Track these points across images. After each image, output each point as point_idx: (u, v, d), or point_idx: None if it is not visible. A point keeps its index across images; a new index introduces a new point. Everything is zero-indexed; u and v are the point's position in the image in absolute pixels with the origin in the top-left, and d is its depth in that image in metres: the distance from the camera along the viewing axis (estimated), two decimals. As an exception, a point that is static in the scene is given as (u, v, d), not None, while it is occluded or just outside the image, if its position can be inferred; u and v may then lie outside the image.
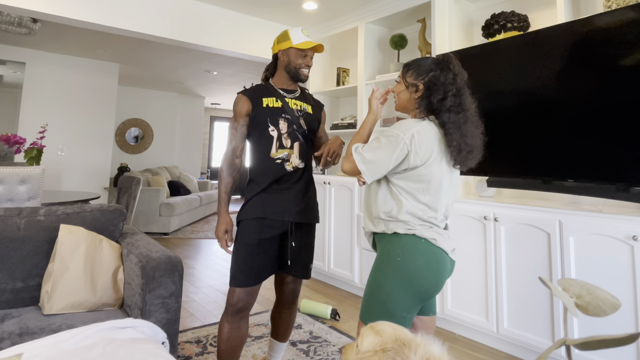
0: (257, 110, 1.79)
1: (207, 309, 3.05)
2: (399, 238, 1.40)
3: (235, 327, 1.80)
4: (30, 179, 2.83)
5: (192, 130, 8.69)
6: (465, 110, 1.40)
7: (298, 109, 1.84)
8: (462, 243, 2.60)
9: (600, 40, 2.02)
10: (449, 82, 1.40)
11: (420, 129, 1.38)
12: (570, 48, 2.15)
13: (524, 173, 2.41)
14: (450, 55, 1.48)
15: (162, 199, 5.92)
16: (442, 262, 1.39)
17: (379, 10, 3.47)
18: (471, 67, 2.61)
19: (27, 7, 2.91)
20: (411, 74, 1.49)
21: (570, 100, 2.16)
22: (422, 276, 1.35)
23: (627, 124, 1.94)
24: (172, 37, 3.51)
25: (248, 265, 1.74)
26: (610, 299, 0.67)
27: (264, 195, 1.76)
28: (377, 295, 1.38)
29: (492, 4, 3.00)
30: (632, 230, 1.92)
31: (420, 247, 1.37)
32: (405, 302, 1.35)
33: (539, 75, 2.28)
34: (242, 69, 5.93)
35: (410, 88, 1.48)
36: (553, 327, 2.17)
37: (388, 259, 1.40)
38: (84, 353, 1.14)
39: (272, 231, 1.75)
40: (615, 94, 1.98)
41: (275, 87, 1.87)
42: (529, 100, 2.34)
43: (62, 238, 1.80)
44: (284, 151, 1.78)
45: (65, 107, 5.52)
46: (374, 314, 1.37)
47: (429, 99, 1.42)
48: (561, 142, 2.19)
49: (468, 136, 1.39)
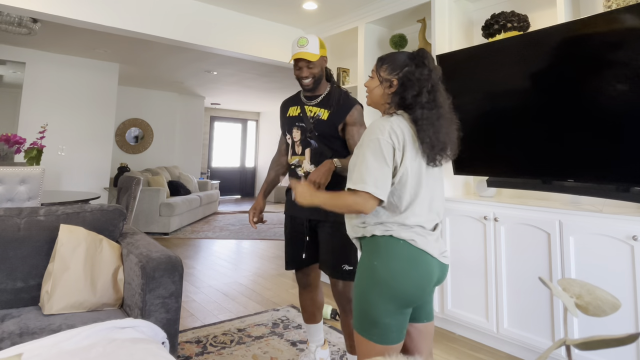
0: (282, 120, 2.08)
1: (207, 309, 3.05)
2: (376, 241, 1.34)
3: (308, 297, 2.12)
4: (30, 179, 2.83)
5: (192, 130, 8.69)
6: (439, 107, 1.36)
7: (312, 116, 1.95)
8: (462, 243, 2.60)
9: (601, 40, 2.02)
10: (424, 78, 1.36)
11: (393, 125, 1.33)
12: (570, 48, 2.14)
13: (524, 173, 2.41)
14: (425, 50, 1.43)
15: (162, 199, 5.92)
16: (423, 265, 1.31)
17: (379, 10, 3.47)
18: (471, 67, 2.63)
19: (27, 7, 2.91)
20: (385, 68, 1.43)
21: (570, 100, 2.16)
22: (400, 280, 1.27)
23: (627, 124, 1.94)
24: (172, 37, 3.51)
25: (286, 252, 2.09)
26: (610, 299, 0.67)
27: (289, 195, 2.03)
28: (359, 303, 1.33)
29: (492, 4, 3.00)
30: (632, 230, 1.92)
31: (397, 249, 1.30)
32: (385, 309, 1.28)
33: (538, 75, 2.28)
34: (242, 69, 5.93)
35: (384, 83, 1.43)
36: (553, 327, 2.17)
37: (365, 263, 1.35)
38: (84, 353, 1.14)
39: (298, 225, 2.01)
40: (616, 94, 1.98)
41: (301, 96, 2.04)
42: (529, 100, 2.34)
43: (62, 238, 1.80)
44: (297, 157, 1.98)
45: (65, 107, 5.52)
46: (360, 323, 1.33)
47: (403, 94, 1.37)
48: (561, 142, 2.19)
49: (441, 132, 1.34)
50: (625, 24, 1.92)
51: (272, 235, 5.99)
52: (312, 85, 1.94)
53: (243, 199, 10.90)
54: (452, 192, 2.89)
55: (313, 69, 1.91)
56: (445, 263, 1.39)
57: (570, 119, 2.15)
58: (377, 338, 1.28)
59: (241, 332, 2.62)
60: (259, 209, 2.11)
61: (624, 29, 1.92)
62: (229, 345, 2.43)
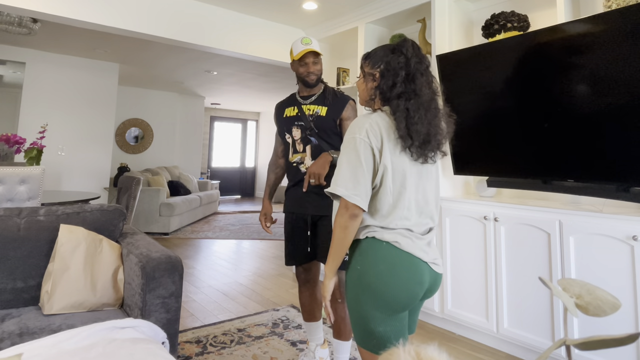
0: (279, 121, 2.12)
1: (207, 309, 3.05)
2: (359, 244, 1.29)
3: (307, 294, 2.15)
4: (30, 179, 2.83)
5: (192, 130, 8.69)
6: (418, 96, 1.27)
7: (311, 114, 2.01)
8: (462, 243, 2.60)
9: (601, 40, 2.02)
10: (400, 67, 1.29)
11: (372, 122, 1.27)
12: (571, 48, 2.14)
13: (524, 173, 2.41)
14: (407, 40, 1.37)
15: (162, 199, 5.92)
16: (410, 268, 1.23)
17: (379, 10, 3.47)
18: (471, 67, 2.63)
19: (27, 7, 2.91)
20: (368, 63, 1.38)
21: (570, 100, 2.16)
22: (385, 283, 1.21)
23: (628, 124, 1.94)
24: (172, 37, 3.51)
25: (287, 248, 2.12)
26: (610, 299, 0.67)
27: (289, 193, 2.09)
28: (353, 315, 1.28)
29: (492, 4, 3.00)
30: (632, 230, 1.92)
31: (381, 252, 1.24)
32: (377, 316, 1.22)
33: (538, 75, 2.28)
34: (242, 69, 5.93)
35: (367, 77, 1.38)
36: (553, 327, 2.17)
37: (351, 269, 1.29)
38: (84, 353, 1.14)
39: (300, 222, 2.04)
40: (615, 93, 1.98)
41: (297, 96, 2.11)
42: (528, 100, 2.34)
43: (62, 238, 1.80)
44: (298, 155, 2.04)
45: (65, 107, 5.52)
46: (359, 336, 1.28)
47: (382, 87, 1.31)
48: (561, 142, 2.19)
49: (419, 124, 1.24)
50: (625, 23, 1.92)
51: (272, 235, 5.98)
52: (315, 82, 2.02)
53: (243, 199, 10.90)
54: (452, 192, 2.89)
55: (317, 65, 2.00)
56: (438, 272, 1.30)
57: (570, 119, 2.15)
58: (376, 349, 1.22)
59: (241, 332, 2.62)
60: (269, 213, 2.19)
61: (624, 28, 1.92)
62: (229, 345, 2.43)
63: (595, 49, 2.04)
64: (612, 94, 1.99)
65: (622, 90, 1.94)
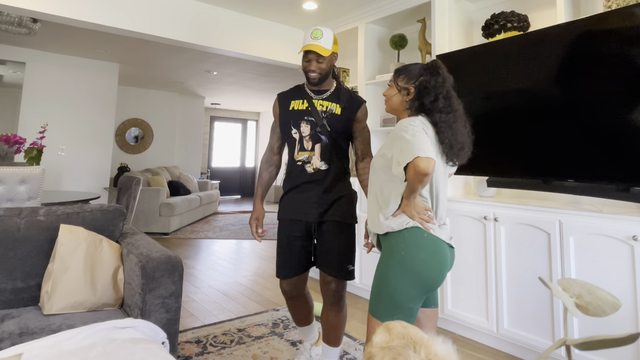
0: (283, 113, 1.93)
1: (207, 309, 3.05)
2: (402, 233, 1.47)
3: (295, 306, 2.04)
4: (30, 179, 2.83)
5: (192, 130, 8.69)
6: (455, 111, 1.52)
7: (324, 110, 1.88)
8: (462, 243, 2.60)
9: (601, 40, 2.02)
10: (439, 85, 1.51)
11: (422, 120, 1.49)
12: (571, 48, 2.14)
13: (524, 173, 2.41)
14: (438, 61, 1.60)
15: (162, 199, 5.92)
16: (443, 253, 1.46)
17: (379, 10, 3.47)
18: (471, 67, 2.62)
19: (27, 7, 2.91)
20: (402, 78, 1.59)
21: (570, 100, 2.16)
22: (426, 268, 1.42)
23: (628, 124, 1.94)
24: (172, 37, 3.51)
25: (282, 259, 1.93)
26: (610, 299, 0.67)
27: (290, 195, 1.92)
28: (385, 289, 1.45)
29: (492, 4, 3.00)
30: (632, 230, 1.92)
31: (422, 240, 1.44)
32: (411, 294, 1.42)
33: (538, 75, 2.28)
34: (242, 69, 5.93)
35: (402, 91, 1.58)
36: (553, 327, 2.17)
37: (392, 254, 1.47)
38: (84, 353, 1.14)
39: (300, 230, 1.89)
40: (616, 94, 1.98)
41: (307, 89, 1.94)
42: (529, 100, 2.34)
43: (62, 238, 1.80)
44: (305, 153, 1.87)
45: (66, 107, 5.51)
46: (382, 308, 1.44)
47: (421, 100, 1.52)
48: (561, 142, 2.19)
49: (458, 134, 1.51)
50: (625, 23, 1.92)
51: (272, 236, 5.97)
52: (317, 81, 1.86)
53: (243, 199, 10.90)
54: (452, 192, 2.89)
55: (322, 64, 1.82)
56: (453, 247, 1.54)
57: (570, 119, 2.15)
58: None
59: (241, 332, 2.62)
60: (261, 217, 1.98)
61: (625, 28, 1.92)
62: (229, 345, 2.43)
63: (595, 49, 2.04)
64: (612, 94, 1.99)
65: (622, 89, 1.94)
